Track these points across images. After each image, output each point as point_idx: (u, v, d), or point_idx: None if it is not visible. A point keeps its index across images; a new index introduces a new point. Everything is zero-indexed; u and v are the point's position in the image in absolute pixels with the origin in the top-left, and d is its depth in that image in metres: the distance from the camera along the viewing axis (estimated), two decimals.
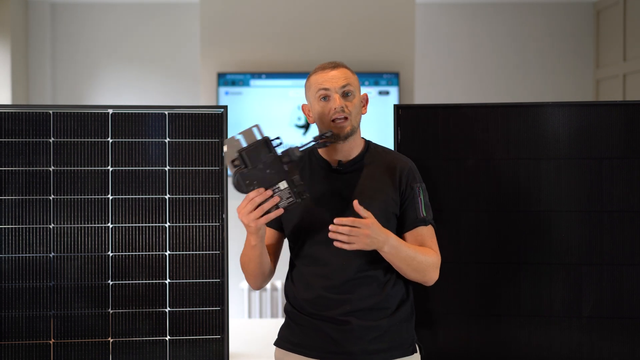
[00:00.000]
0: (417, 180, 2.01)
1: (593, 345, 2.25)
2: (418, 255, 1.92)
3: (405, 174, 1.99)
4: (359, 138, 2.03)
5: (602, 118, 2.26)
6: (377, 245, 1.85)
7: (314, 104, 2.00)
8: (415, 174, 2.01)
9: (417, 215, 1.97)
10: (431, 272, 1.96)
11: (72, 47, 5.60)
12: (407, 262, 1.91)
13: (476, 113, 2.31)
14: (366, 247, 1.83)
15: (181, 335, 2.26)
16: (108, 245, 2.26)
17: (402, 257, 1.89)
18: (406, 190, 1.98)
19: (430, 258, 1.95)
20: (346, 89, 1.97)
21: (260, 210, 1.80)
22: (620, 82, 5.21)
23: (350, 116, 1.96)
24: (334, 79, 1.97)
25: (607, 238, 2.25)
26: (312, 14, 4.78)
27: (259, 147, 1.79)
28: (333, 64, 2.01)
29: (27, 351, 2.22)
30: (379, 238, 1.84)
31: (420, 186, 2.00)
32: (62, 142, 2.25)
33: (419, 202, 1.98)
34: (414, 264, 1.91)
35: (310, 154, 2.05)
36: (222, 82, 4.70)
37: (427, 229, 1.99)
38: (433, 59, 5.59)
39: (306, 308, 1.97)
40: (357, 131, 2.00)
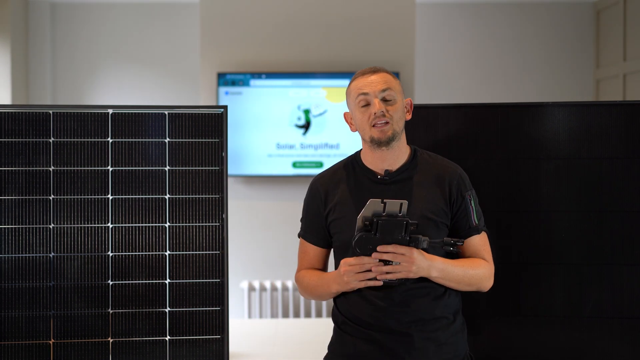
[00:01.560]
0: (468, 187, 1.99)
1: (593, 345, 2.25)
2: (468, 271, 1.92)
3: (456, 183, 1.97)
4: (404, 145, 2.00)
5: (602, 118, 2.26)
6: (425, 272, 1.84)
7: (355, 110, 1.97)
8: (465, 181, 1.99)
9: (469, 225, 1.96)
10: (484, 283, 1.97)
11: (72, 47, 5.60)
12: (457, 281, 1.91)
13: (476, 113, 2.31)
14: (413, 275, 1.82)
15: (181, 335, 2.26)
16: (108, 245, 2.26)
17: (451, 278, 1.90)
18: (457, 200, 1.96)
19: (481, 270, 1.94)
20: (386, 93, 1.94)
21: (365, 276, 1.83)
22: (620, 82, 5.21)
23: (392, 121, 1.92)
24: (374, 84, 1.94)
25: (607, 238, 2.25)
26: (312, 14, 4.78)
27: (396, 224, 1.79)
28: (373, 69, 1.98)
29: (27, 351, 2.22)
30: (423, 265, 1.83)
31: (470, 193, 1.99)
32: (62, 142, 2.25)
33: (471, 211, 1.97)
34: (465, 280, 1.92)
35: (354, 162, 2.02)
36: (222, 82, 4.70)
37: (480, 237, 1.98)
38: (433, 59, 5.59)
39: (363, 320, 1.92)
40: (401, 138, 1.97)
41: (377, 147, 1.94)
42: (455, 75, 5.62)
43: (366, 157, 2.00)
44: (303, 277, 2.06)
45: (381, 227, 1.78)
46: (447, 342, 1.94)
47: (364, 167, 2.00)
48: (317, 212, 2.03)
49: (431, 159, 2.03)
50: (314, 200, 2.05)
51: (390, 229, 1.78)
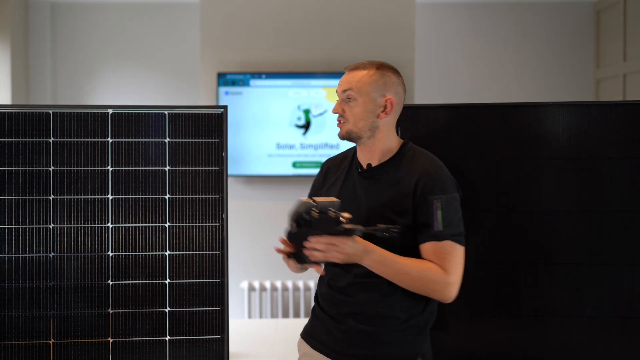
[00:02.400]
0: (437, 191, 1.90)
1: (593, 345, 2.25)
2: (410, 271, 1.87)
3: (423, 184, 1.91)
4: (382, 142, 1.99)
5: (602, 118, 2.26)
6: (354, 259, 1.86)
7: None
8: (435, 184, 1.91)
9: (429, 230, 1.89)
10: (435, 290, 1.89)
11: (72, 47, 5.60)
12: (394, 276, 1.89)
13: (476, 113, 2.31)
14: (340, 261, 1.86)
15: (181, 335, 2.26)
16: (108, 245, 2.26)
17: (387, 271, 1.88)
18: (420, 201, 1.90)
19: (432, 275, 1.87)
20: (346, 94, 1.98)
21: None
22: (620, 82, 5.21)
23: (348, 122, 1.97)
24: (341, 83, 2.00)
25: (607, 238, 2.25)
26: (312, 14, 4.78)
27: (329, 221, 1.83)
28: (353, 66, 2.01)
29: (27, 351, 2.22)
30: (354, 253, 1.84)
31: (438, 198, 1.89)
32: (62, 142, 2.25)
33: (434, 216, 1.88)
34: (405, 279, 1.88)
35: (353, 152, 2.10)
36: (222, 82, 4.70)
37: (442, 244, 1.88)
38: (433, 59, 5.59)
39: (321, 302, 2.06)
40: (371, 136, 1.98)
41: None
42: (455, 75, 5.62)
43: (357, 149, 2.08)
44: None
45: (315, 224, 1.83)
46: (390, 341, 1.94)
47: (356, 158, 2.07)
48: (317, 188, 2.14)
49: (415, 157, 1.98)
50: (317, 177, 2.17)
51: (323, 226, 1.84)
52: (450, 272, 1.89)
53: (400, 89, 2.02)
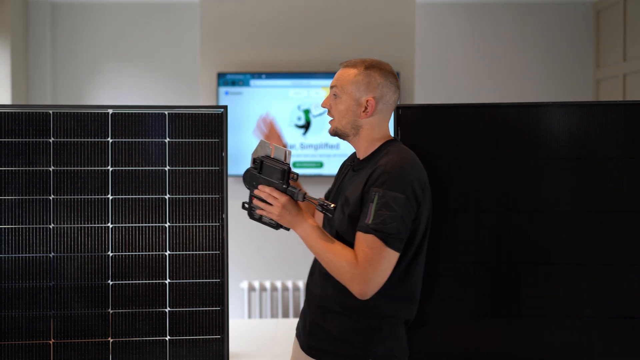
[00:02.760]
0: (378, 184, 1.87)
1: (593, 345, 2.25)
2: (326, 253, 1.88)
3: (374, 176, 1.90)
4: (366, 140, 2.02)
5: (602, 118, 2.26)
6: (289, 223, 1.94)
7: None
8: (381, 178, 1.88)
9: (362, 220, 1.87)
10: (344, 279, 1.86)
11: (72, 47, 5.60)
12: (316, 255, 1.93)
13: (476, 113, 2.31)
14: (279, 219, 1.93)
15: (181, 335, 2.26)
16: (108, 245, 2.26)
17: (311, 245, 1.92)
18: (366, 192, 1.91)
19: (341, 261, 1.85)
20: (332, 91, 2.03)
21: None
22: (620, 82, 5.21)
23: (334, 119, 2.04)
24: (333, 78, 2.05)
25: (607, 238, 2.25)
26: (312, 14, 4.78)
27: (277, 169, 1.93)
28: (345, 64, 2.05)
29: (27, 351, 2.22)
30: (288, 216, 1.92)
31: (378, 191, 1.86)
32: (62, 142, 2.25)
33: (370, 208, 1.86)
34: (323, 259, 1.90)
35: None
36: (222, 82, 4.70)
37: (366, 237, 1.84)
38: (433, 59, 5.59)
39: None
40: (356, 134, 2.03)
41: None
42: (455, 75, 5.62)
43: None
44: None
45: (265, 168, 1.95)
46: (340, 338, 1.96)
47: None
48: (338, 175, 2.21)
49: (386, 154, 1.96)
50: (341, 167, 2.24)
51: (271, 172, 1.94)
52: (364, 266, 1.83)
53: (387, 91, 2.00)
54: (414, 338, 2.29)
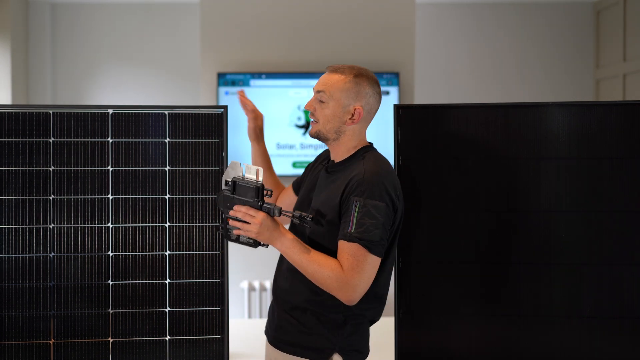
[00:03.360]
0: (359, 194, 1.90)
1: (593, 345, 2.25)
2: (312, 264, 1.90)
3: (351, 184, 1.93)
4: (345, 146, 2.04)
5: (602, 118, 2.26)
6: (268, 240, 1.93)
7: None
8: (361, 187, 1.90)
9: (343, 228, 1.90)
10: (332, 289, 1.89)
11: (72, 47, 5.60)
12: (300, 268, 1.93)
13: (476, 113, 2.31)
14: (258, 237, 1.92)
15: (181, 335, 2.26)
16: (108, 245, 2.26)
17: (294, 260, 1.93)
18: (345, 201, 1.93)
19: (328, 272, 1.88)
20: (320, 95, 2.03)
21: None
22: (620, 82, 5.21)
23: (318, 122, 2.03)
24: (320, 82, 2.04)
25: (607, 238, 2.25)
26: (312, 14, 4.78)
27: (251, 187, 1.93)
28: (334, 68, 2.05)
29: (27, 351, 2.22)
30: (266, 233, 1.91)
31: (358, 201, 1.89)
32: (62, 142, 2.25)
33: (351, 217, 1.88)
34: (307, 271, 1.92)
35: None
36: (222, 82, 4.70)
37: (350, 245, 1.87)
38: (433, 59, 5.59)
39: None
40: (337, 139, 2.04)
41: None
42: (455, 75, 5.62)
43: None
44: None
45: (238, 189, 1.94)
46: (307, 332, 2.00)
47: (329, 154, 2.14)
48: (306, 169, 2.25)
49: (362, 160, 1.99)
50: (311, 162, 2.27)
51: (245, 192, 1.94)
52: (350, 274, 1.87)
53: (373, 100, 2.04)
54: (414, 338, 2.29)
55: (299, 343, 2.01)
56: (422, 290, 2.25)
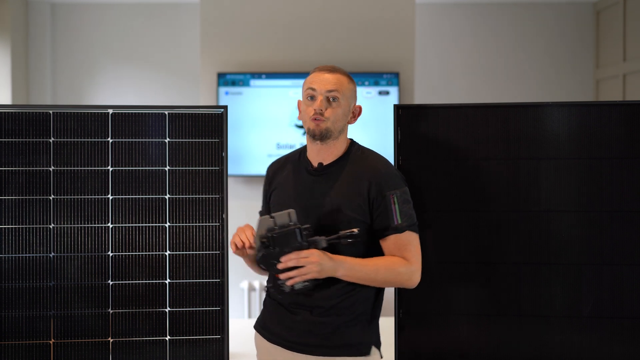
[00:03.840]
0: (391, 187, 2.00)
1: (593, 345, 2.25)
2: (380, 270, 1.95)
3: (376, 182, 1.99)
4: (341, 144, 2.06)
5: (602, 118, 2.26)
6: (330, 272, 1.91)
7: (303, 101, 2.07)
8: (389, 181, 2.00)
9: (389, 224, 1.98)
10: (404, 280, 1.99)
11: (72, 47, 5.60)
12: (368, 279, 1.96)
13: (476, 113, 2.31)
14: (318, 275, 1.90)
15: (181, 335, 2.26)
16: (108, 245, 2.26)
17: (360, 276, 1.95)
18: (377, 199, 1.99)
19: (398, 269, 1.97)
20: (332, 94, 2.02)
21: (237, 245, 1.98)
22: (620, 82, 5.21)
23: (328, 120, 2.01)
24: (324, 82, 2.03)
25: (607, 238, 2.25)
26: (312, 14, 4.77)
27: (292, 233, 1.88)
28: (330, 68, 2.06)
29: (27, 351, 2.22)
30: (328, 265, 1.90)
31: (394, 193, 1.99)
32: (62, 142, 2.25)
33: (393, 210, 1.98)
34: (378, 278, 1.96)
35: (302, 152, 2.14)
36: (222, 82, 4.70)
37: (403, 235, 1.98)
38: (433, 59, 5.59)
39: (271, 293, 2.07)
40: (337, 137, 2.04)
41: (313, 139, 2.03)
42: (455, 75, 5.62)
43: (308, 149, 2.11)
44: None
45: (278, 241, 1.89)
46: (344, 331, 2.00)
47: (305, 158, 2.11)
48: (266, 192, 2.19)
49: (364, 156, 2.06)
50: (265, 180, 2.20)
51: (286, 240, 1.89)
52: (413, 260, 1.99)
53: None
54: (414, 338, 2.29)
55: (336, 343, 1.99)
56: (422, 291, 2.25)
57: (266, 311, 2.12)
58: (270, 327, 2.08)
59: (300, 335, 2.01)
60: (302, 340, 2.01)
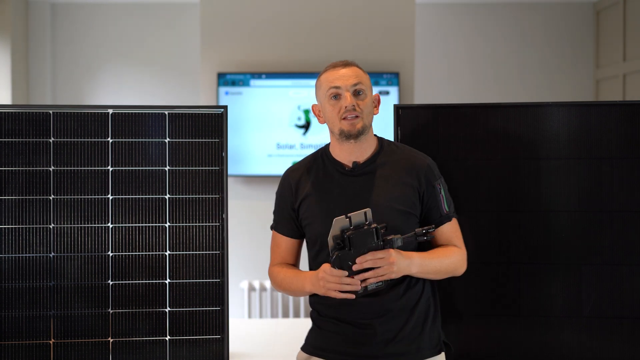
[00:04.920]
0: (437, 176, 2.01)
1: (593, 345, 2.25)
2: (444, 261, 1.96)
3: (424, 173, 1.98)
4: (371, 138, 2.01)
5: (602, 118, 2.26)
6: (405, 270, 1.87)
7: (325, 103, 1.98)
8: (433, 171, 2.01)
9: (441, 213, 1.99)
10: (459, 269, 2.01)
11: (72, 47, 5.60)
12: (435, 272, 1.95)
13: (476, 113, 2.31)
14: (395, 275, 1.84)
15: (181, 335, 2.26)
16: (108, 245, 2.26)
17: (429, 270, 1.93)
18: (427, 190, 1.98)
19: (455, 257, 1.98)
20: (357, 87, 1.95)
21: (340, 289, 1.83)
22: (620, 82, 5.21)
23: (362, 115, 1.94)
24: (345, 77, 1.95)
25: (607, 238, 2.25)
26: (312, 14, 4.78)
27: (369, 232, 1.81)
28: (344, 63, 1.99)
29: (27, 351, 2.22)
30: (402, 264, 1.85)
31: (440, 182, 2.01)
32: (62, 142, 2.25)
33: (441, 199, 1.99)
34: (442, 270, 1.96)
35: (323, 156, 2.04)
36: (222, 82, 4.70)
37: (452, 223, 2.01)
38: (433, 59, 5.59)
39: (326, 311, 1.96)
40: (369, 131, 1.98)
41: (345, 140, 1.95)
42: (455, 75, 5.62)
43: (335, 150, 2.01)
44: (278, 272, 2.03)
45: (353, 241, 1.80)
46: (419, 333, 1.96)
47: (332, 160, 2.01)
48: (288, 204, 2.04)
49: (399, 150, 2.03)
50: (285, 192, 2.06)
51: (362, 240, 1.81)
52: (463, 246, 2.03)
53: None
54: None
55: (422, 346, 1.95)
56: None
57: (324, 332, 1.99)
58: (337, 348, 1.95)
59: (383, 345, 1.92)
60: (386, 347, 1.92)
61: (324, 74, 2.00)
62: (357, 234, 1.80)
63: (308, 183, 2.01)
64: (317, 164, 2.03)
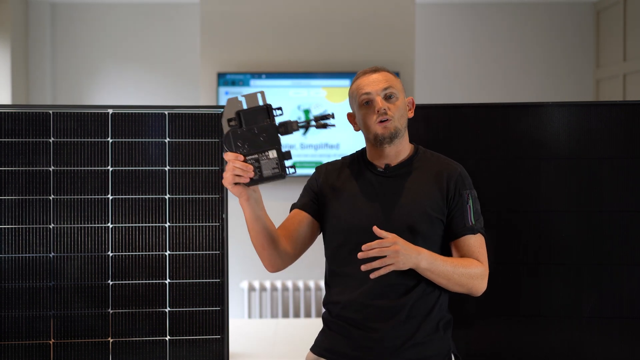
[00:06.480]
0: (467, 186, 1.96)
1: (593, 345, 2.24)
2: (459, 268, 1.87)
3: (454, 180, 1.95)
4: (406, 142, 2.01)
5: (602, 118, 2.26)
6: (412, 261, 1.81)
7: (358, 110, 1.99)
8: (465, 180, 1.97)
9: (465, 224, 1.93)
10: (477, 284, 1.90)
11: (72, 47, 5.60)
12: (447, 276, 1.86)
13: (476, 113, 2.31)
14: (402, 265, 1.80)
15: (181, 335, 2.26)
16: (108, 245, 2.26)
17: (440, 272, 1.85)
18: (455, 197, 1.94)
19: (473, 270, 1.89)
20: (388, 91, 1.95)
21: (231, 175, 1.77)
22: (620, 82, 5.21)
23: (394, 118, 1.94)
24: (375, 82, 1.96)
25: (607, 238, 2.25)
26: (312, 14, 4.78)
27: (258, 111, 1.79)
28: (374, 68, 2.00)
29: (27, 351, 2.22)
30: (411, 254, 1.80)
31: (470, 193, 1.95)
32: (62, 142, 2.25)
33: (468, 210, 1.94)
34: (455, 277, 1.87)
35: (359, 157, 2.05)
36: (222, 82, 4.70)
37: (476, 237, 1.93)
38: (433, 59, 5.59)
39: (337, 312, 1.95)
40: (403, 135, 1.98)
41: (380, 145, 1.96)
42: (455, 75, 5.62)
43: (370, 153, 2.03)
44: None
45: (245, 119, 1.77)
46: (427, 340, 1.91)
47: (367, 161, 2.03)
48: (314, 185, 2.06)
49: (433, 158, 2.03)
50: (313, 177, 2.08)
51: (253, 119, 1.78)
52: (485, 264, 1.94)
53: None
54: None
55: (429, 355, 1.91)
56: None
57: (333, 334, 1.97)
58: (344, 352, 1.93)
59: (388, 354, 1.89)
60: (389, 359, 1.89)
61: (355, 82, 2.01)
62: (248, 111, 1.78)
63: (341, 178, 2.03)
64: (352, 162, 2.05)
